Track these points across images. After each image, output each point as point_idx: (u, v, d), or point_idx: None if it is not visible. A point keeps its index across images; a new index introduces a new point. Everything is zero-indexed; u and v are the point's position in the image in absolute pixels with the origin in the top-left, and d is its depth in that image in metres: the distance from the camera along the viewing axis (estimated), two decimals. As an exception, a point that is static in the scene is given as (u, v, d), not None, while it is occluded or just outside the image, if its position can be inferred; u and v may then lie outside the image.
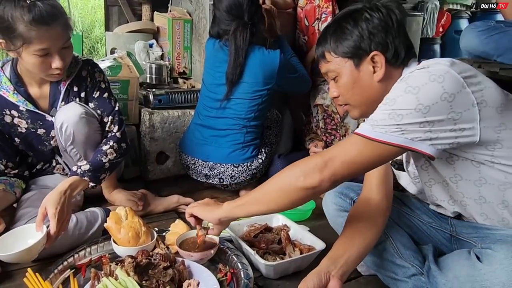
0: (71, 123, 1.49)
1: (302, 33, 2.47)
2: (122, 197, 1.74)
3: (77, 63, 1.58)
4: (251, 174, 1.94)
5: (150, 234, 1.40)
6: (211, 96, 1.98)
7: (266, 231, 1.51)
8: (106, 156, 1.52)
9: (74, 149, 1.57)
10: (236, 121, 1.93)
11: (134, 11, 3.06)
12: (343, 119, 2.02)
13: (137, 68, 2.26)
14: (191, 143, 2.05)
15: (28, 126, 1.55)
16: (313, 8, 2.38)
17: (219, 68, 1.92)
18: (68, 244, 1.41)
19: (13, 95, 1.50)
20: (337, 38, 1.08)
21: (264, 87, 1.90)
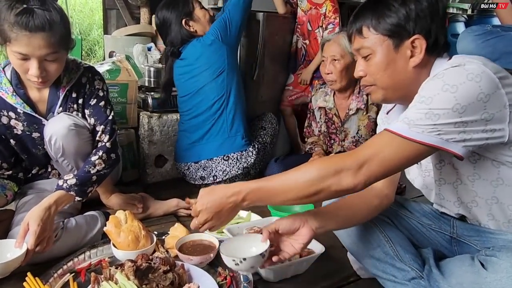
0: (59, 136, 1.48)
1: (302, 37, 2.49)
2: (121, 201, 1.74)
3: (78, 69, 1.57)
4: (242, 168, 1.94)
5: (149, 237, 1.41)
6: (183, 99, 2.07)
7: (265, 234, 1.51)
8: (94, 167, 1.49)
9: (65, 161, 1.56)
10: (213, 107, 1.97)
11: (132, 14, 3.06)
12: (343, 124, 2.03)
13: (136, 71, 2.26)
14: (182, 150, 2.08)
15: (24, 129, 1.54)
16: (319, 15, 2.42)
17: None
18: (68, 248, 1.41)
19: (12, 97, 1.50)
20: (380, 15, 1.02)
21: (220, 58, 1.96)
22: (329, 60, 1.94)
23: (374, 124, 1.97)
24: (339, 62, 1.91)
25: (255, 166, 1.99)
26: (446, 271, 0.96)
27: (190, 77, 2.03)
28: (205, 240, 1.44)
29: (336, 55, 1.92)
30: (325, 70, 1.96)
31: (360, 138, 2.00)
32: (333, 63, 1.93)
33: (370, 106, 1.97)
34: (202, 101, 2.01)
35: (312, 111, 2.22)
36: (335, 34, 2.01)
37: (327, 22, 2.38)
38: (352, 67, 1.94)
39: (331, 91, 2.08)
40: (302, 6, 2.49)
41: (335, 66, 1.92)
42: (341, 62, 1.91)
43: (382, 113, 1.29)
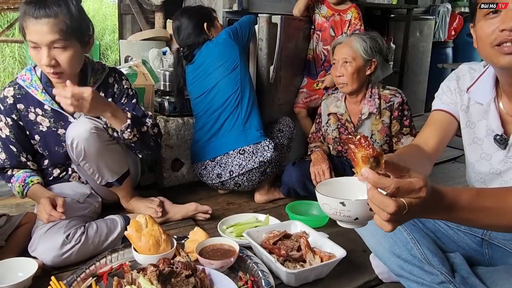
0: (81, 139, 1.49)
1: (324, 42, 2.48)
2: (141, 205, 1.75)
3: (104, 70, 1.64)
4: (258, 162, 1.92)
5: (170, 242, 1.41)
6: (197, 100, 2.10)
7: (285, 238, 1.50)
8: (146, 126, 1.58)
9: (86, 164, 1.57)
10: (228, 101, 1.99)
11: (147, 19, 3.09)
12: (357, 129, 2.01)
13: (152, 76, 2.27)
14: (198, 149, 2.08)
15: (50, 125, 1.59)
16: (343, 21, 2.43)
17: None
18: (89, 252, 1.42)
19: (42, 94, 1.56)
20: None
21: (233, 54, 2.02)
22: (340, 62, 1.92)
23: (388, 128, 1.95)
24: (351, 65, 1.89)
25: (272, 164, 1.97)
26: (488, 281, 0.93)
27: (205, 77, 2.05)
28: (225, 244, 1.44)
29: (348, 57, 1.89)
30: (336, 72, 1.94)
31: (374, 143, 1.97)
32: (344, 65, 1.91)
33: (383, 111, 1.94)
34: (216, 96, 2.02)
35: (320, 115, 2.20)
36: (347, 37, 1.99)
37: (352, 28, 2.39)
38: (363, 70, 1.93)
39: (342, 96, 2.06)
40: (322, 12, 2.48)
41: (346, 68, 1.90)
42: (353, 65, 1.89)
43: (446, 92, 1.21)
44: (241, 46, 2.10)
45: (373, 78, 1.96)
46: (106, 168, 1.60)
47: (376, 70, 1.95)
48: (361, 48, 1.89)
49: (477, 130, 1.14)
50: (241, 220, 1.76)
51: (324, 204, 0.82)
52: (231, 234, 1.63)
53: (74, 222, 1.46)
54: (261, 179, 1.99)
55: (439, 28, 4.15)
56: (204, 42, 2.08)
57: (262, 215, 1.78)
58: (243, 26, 2.15)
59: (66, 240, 1.37)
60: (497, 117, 1.08)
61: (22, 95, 1.57)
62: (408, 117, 1.94)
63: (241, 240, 1.53)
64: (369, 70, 1.93)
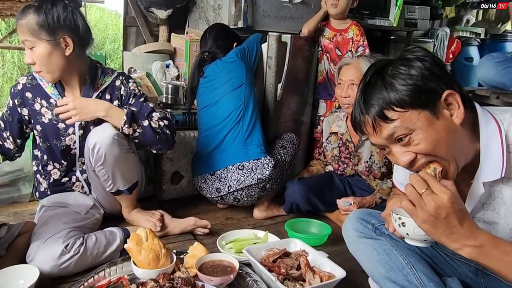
0: (104, 144, 1.53)
1: (333, 63, 2.52)
2: (141, 217, 1.75)
3: (112, 73, 1.70)
4: (257, 179, 1.93)
5: (169, 256, 1.40)
6: (202, 111, 2.15)
7: (285, 256, 1.50)
8: (150, 119, 1.61)
9: (103, 170, 1.59)
10: (230, 117, 2.02)
11: (151, 32, 3.13)
12: (357, 149, 2.03)
13: (156, 88, 2.29)
14: (199, 162, 2.10)
15: (52, 118, 1.64)
16: (346, 40, 2.46)
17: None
18: (87, 263, 1.42)
19: (51, 88, 1.64)
20: (396, 88, 0.92)
21: (240, 73, 2.08)
22: (347, 84, 1.94)
23: None
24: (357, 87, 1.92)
25: (272, 180, 1.98)
26: None
27: (211, 90, 2.09)
28: (225, 260, 1.43)
29: (355, 79, 1.92)
30: (342, 93, 1.96)
31: (373, 164, 2.00)
32: (351, 87, 1.93)
33: None
34: (219, 110, 2.05)
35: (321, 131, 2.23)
36: (354, 58, 2.02)
37: (356, 45, 2.42)
38: None
39: (344, 116, 2.08)
40: (325, 34, 2.52)
41: (353, 90, 1.92)
42: None
43: (398, 168, 1.24)
44: (248, 65, 2.15)
45: None
46: (120, 176, 1.64)
47: None
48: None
49: None
50: (240, 236, 1.76)
51: (400, 223, 0.94)
52: (230, 250, 1.63)
53: (74, 232, 1.46)
54: (260, 195, 1.99)
55: (437, 51, 4.22)
56: (220, 57, 2.15)
57: (261, 232, 1.78)
58: (251, 46, 2.21)
59: (65, 250, 1.36)
60: None
61: (32, 85, 1.64)
62: None
63: (240, 256, 1.53)
64: None
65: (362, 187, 2.10)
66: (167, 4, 2.84)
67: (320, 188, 2.03)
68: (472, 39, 4.54)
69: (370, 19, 3.37)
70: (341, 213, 1.95)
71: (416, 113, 0.91)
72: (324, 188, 2.05)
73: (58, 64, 1.53)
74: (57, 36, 1.50)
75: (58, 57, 1.52)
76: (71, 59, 1.55)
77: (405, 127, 0.92)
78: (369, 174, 2.02)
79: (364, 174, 2.05)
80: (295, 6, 2.61)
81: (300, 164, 2.63)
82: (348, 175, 2.10)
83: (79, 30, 1.55)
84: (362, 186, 2.10)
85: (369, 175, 2.03)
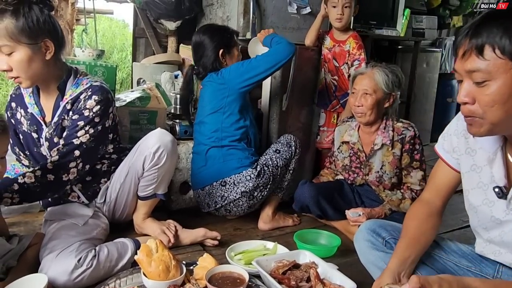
0: (168, 149, 1.65)
1: (331, 73, 2.52)
2: (156, 228, 1.77)
3: (86, 84, 1.58)
4: (240, 193, 1.93)
5: (179, 268, 1.40)
6: (194, 125, 2.16)
7: (294, 268, 1.49)
8: (23, 177, 1.45)
9: (156, 173, 1.67)
10: (210, 138, 2.03)
11: (160, 43, 3.17)
12: (368, 158, 2.02)
13: (165, 99, 2.32)
14: (192, 178, 2.14)
15: (27, 127, 1.63)
16: (343, 52, 2.44)
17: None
18: (100, 276, 1.42)
19: (29, 97, 1.63)
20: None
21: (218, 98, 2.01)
22: (360, 93, 1.94)
23: (399, 161, 1.96)
24: (371, 97, 1.91)
25: (259, 189, 1.96)
26: None
27: (202, 106, 2.10)
28: (235, 272, 1.43)
29: (368, 89, 1.92)
30: (355, 102, 1.95)
31: (384, 174, 1.99)
32: (364, 96, 1.93)
33: (395, 143, 1.96)
34: (204, 128, 2.07)
35: (332, 141, 2.23)
36: (369, 68, 2.00)
37: (352, 59, 2.39)
38: (383, 102, 1.96)
39: (356, 126, 2.08)
40: (326, 44, 2.52)
41: (366, 99, 1.92)
42: (373, 97, 1.91)
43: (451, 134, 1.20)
44: (237, 87, 2.00)
45: (390, 110, 1.99)
46: (166, 181, 1.75)
47: (394, 103, 1.98)
48: (383, 81, 1.92)
49: (483, 175, 1.10)
50: (249, 247, 1.75)
51: None
52: (239, 261, 1.63)
53: (85, 245, 1.46)
54: (250, 203, 1.99)
55: (445, 60, 4.23)
56: (216, 69, 2.07)
57: (270, 243, 1.77)
58: (261, 61, 2.01)
59: (78, 264, 1.37)
60: (501, 167, 1.05)
61: (16, 95, 1.66)
62: (419, 152, 1.96)
63: (249, 268, 1.53)
64: (387, 103, 1.96)
65: (371, 197, 2.09)
66: (176, 16, 2.88)
67: (330, 193, 2.04)
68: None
69: (378, 29, 3.38)
70: (350, 223, 1.94)
71: (509, 66, 0.87)
72: (334, 193, 2.05)
73: (38, 69, 1.48)
74: (38, 40, 1.45)
75: (38, 62, 1.46)
76: (50, 63, 1.50)
77: (488, 72, 0.89)
78: (379, 184, 2.01)
79: (374, 184, 2.04)
80: (303, 17, 2.63)
81: (308, 173, 2.63)
82: (358, 184, 2.09)
83: (58, 34, 1.51)
84: (371, 196, 2.09)
85: (379, 185, 2.02)
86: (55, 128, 1.58)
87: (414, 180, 1.97)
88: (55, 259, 1.38)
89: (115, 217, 1.80)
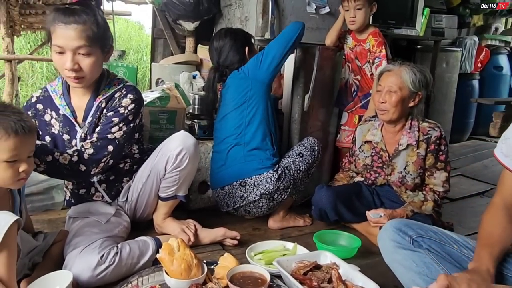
0: (190, 152, 1.66)
1: (354, 73, 2.51)
2: (176, 227, 1.78)
3: (118, 84, 1.64)
4: (260, 195, 1.92)
5: (200, 267, 1.41)
6: (215, 123, 2.14)
7: (315, 269, 1.48)
8: (59, 155, 1.49)
9: (177, 175, 1.69)
10: (232, 136, 2.01)
11: (178, 43, 3.20)
12: (391, 158, 1.99)
13: (184, 99, 2.33)
14: (211, 177, 2.13)
15: (59, 129, 1.63)
16: (364, 51, 2.42)
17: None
18: (122, 273, 1.43)
19: (59, 99, 1.62)
20: None
21: (244, 91, 2.01)
22: (385, 90, 1.91)
23: (423, 161, 1.93)
24: (396, 94, 1.89)
25: (279, 191, 1.95)
26: None
27: (223, 104, 2.09)
28: (256, 272, 1.43)
29: (393, 86, 1.89)
30: (379, 98, 1.93)
31: (407, 175, 1.96)
32: (389, 94, 1.90)
33: (420, 143, 1.93)
34: (225, 127, 2.05)
35: (354, 140, 2.20)
36: (396, 65, 1.97)
37: (373, 56, 2.37)
38: (407, 101, 1.93)
39: (379, 125, 2.05)
40: (348, 43, 2.50)
41: (390, 96, 1.89)
42: (398, 94, 1.89)
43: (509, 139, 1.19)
44: (260, 77, 2.02)
45: (415, 110, 1.96)
46: (186, 183, 1.77)
47: (420, 103, 1.95)
48: (410, 79, 1.89)
49: None
50: (268, 247, 1.74)
51: None
52: (259, 261, 1.62)
53: (107, 242, 1.48)
54: (270, 205, 1.98)
55: (465, 60, 4.15)
56: (240, 65, 2.09)
57: (290, 243, 1.76)
58: (271, 46, 2.05)
59: (101, 260, 1.38)
60: None
61: (44, 97, 1.65)
62: (444, 152, 1.93)
63: (271, 268, 1.52)
64: (412, 103, 1.93)
65: (391, 198, 2.06)
66: (194, 17, 2.90)
67: (348, 197, 2.01)
68: (502, 47, 4.44)
69: (396, 29, 3.34)
70: (370, 225, 1.92)
71: None
72: (352, 197, 2.02)
73: (99, 71, 1.57)
74: (108, 45, 1.55)
75: (101, 65, 1.56)
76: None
77: None
78: (401, 185, 1.98)
79: (395, 185, 2.01)
80: (322, 17, 2.62)
81: (326, 174, 2.62)
82: (379, 184, 2.07)
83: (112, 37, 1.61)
84: (391, 197, 2.06)
85: (401, 186, 1.99)
86: (89, 128, 1.61)
87: (437, 181, 1.93)
88: (79, 255, 1.40)
89: (136, 216, 1.82)
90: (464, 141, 4.56)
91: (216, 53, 2.15)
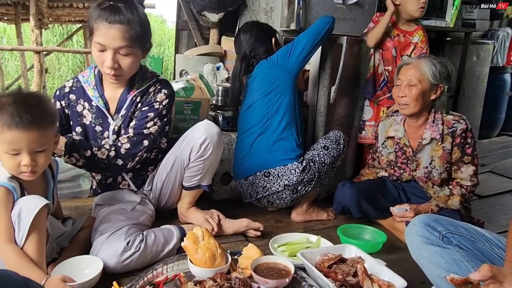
0: (214, 141, 1.65)
1: (385, 62, 2.42)
2: (200, 216, 1.79)
3: (152, 78, 1.66)
4: (283, 186, 1.90)
5: (225, 256, 1.41)
6: (240, 113, 2.14)
7: (340, 262, 1.46)
8: (97, 149, 1.52)
9: (201, 164, 1.70)
10: (258, 124, 2.00)
11: (202, 35, 3.20)
12: (415, 154, 1.94)
13: (208, 90, 2.33)
14: (234, 167, 2.12)
15: (91, 120, 1.65)
16: (408, 43, 2.37)
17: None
18: (147, 260, 1.45)
19: (92, 90, 1.63)
20: None
21: (272, 79, 2.00)
22: (405, 83, 1.87)
23: (449, 155, 1.87)
24: (416, 87, 1.84)
25: (302, 183, 1.93)
26: None
27: (250, 93, 2.08)
28: (280, 263, 1.42)
29: (413, 79, 1.85)
30: (399, 93, 1.89)
31: (433, 170, 1.90)
32: (408, 87, 1.86)
33: (445, 137, 1.87)
34: (251, 115, 2.04)
35: (376, 136, 2.15)
36: (416, 59, 1.94)
37: (418, 52, 2.32)
38: (428, 94, 1.87)
39: (401, 120, 2.00)
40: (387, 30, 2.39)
41: (410, 90, 1.85)
42: (418, 87, 1.84)
43: None
44: (288, 66, 2.02)
45: (437, 103, 1.90)
46: (210, 172, 1.77)
47: (442, 96, 1.89)
48: (430, 71, 1.84)
49: None
50: (292, 240, 1.73)
51: None
52: (283, 253, 1.61)
53: (133, 229, 1.50)
54: (293, 197, 1.96)
55: (497, 53, 4.00)
56: (268, 56, 2.09)
57: (314, 236, 1.75)
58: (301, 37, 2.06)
59: (127, 247, 1.40)
60: None
61: (76, 88, 1.65)
62: (471, 145, 1.86)
63: (295, 260, 1.51)
64: (434, 95, 1.88)
65: (417, 194, 2.01)
66: (219, 8, 2.89)
67: (372, 194, 1.96)
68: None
69: (425, 20, 3.23)
70: (395, 220, 1.88)
71: None
72: (376, 193, 1.98)
73: (137, 68, 1.59)
74: (149, 43, 1.56)
75: (139, 62, 1.58)
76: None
77: None
78: (428, 180, 1.93)
79: (421, 181, 1.96)
80: (349, 8, 2.56)
81: (349, 168, 2.57)
82: (405, 180, 2.02)
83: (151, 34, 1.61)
84: (417, 193, 2.01)
85: (428, 181, 1.94)
86: (123, 121, 1.63)
87: (464, 175, 1.87)
88: (106, 241, 1.42)
89: (160, 205, 1.84)
90: (493, 137, 4.41)
91: (243, 43, 2.16)
